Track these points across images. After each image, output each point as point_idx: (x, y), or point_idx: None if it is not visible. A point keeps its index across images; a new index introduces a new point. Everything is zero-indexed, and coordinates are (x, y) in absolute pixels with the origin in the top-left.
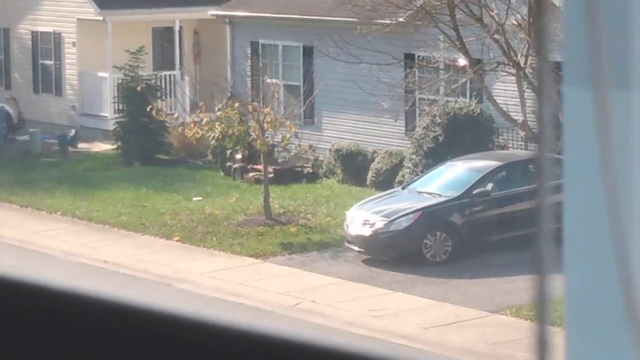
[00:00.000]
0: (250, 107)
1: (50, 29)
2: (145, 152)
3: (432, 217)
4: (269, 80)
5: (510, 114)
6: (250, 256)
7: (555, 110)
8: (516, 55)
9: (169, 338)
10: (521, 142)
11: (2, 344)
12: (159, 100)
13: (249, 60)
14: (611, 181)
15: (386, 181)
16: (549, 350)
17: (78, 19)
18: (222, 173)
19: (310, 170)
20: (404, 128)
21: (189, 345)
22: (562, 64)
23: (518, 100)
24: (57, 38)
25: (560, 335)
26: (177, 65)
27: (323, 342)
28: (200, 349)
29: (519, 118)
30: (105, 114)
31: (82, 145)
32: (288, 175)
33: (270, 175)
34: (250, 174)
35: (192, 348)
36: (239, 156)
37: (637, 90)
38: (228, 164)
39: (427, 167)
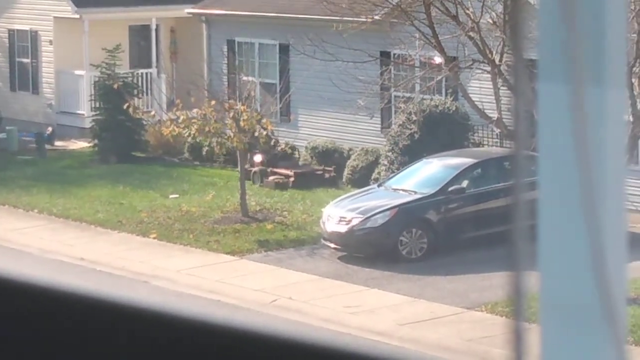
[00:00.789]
0: (226, 105)
1: (27, 27)
2: (122, 150)
3: (407, 214)
4: (245, 78)
5: (486, 111)
6: (227, 253)
7: (530, 107)
8: (491, 52)
9: (157, 335)
10: (496, 139)
11: None
12: (136, 98)
13: (226, 58)
14: (586, 177)
15: (362, 178)
16: (525, 346)
17: (55, 17)
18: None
19: (333, 174)
20: (379, 125)
21: (180, 343)
22: (537, 61)
23: (493, 97)
24: (34, 36)
25: (535, 331)
26: (154, 63)
27: (314, 338)
28: (194, 347)
29: (494, 115)
30: (82, 112)
31: (59, 143)
32: (309, 179)
33: (291, 179)
34: (271, 178)
35: (185, 346)
36: (257, 159)
37: (611, 86)
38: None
39: (403, 165)
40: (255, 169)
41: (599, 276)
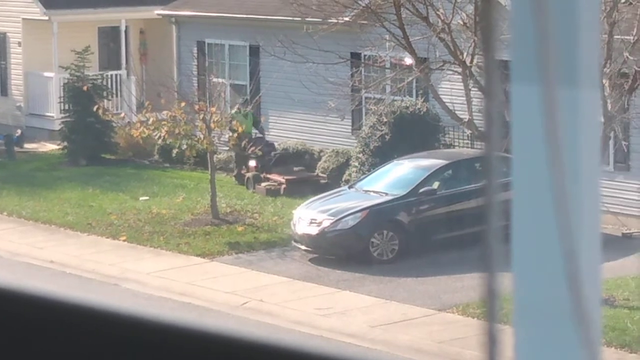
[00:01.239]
0: (196, 107)
1: None
2: (92, 152)
3: (379, 216)
4: (215, 80)
5: (457, 112)
6: (198, 255)
7: (502, 108)
8: (462, 54)
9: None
10: (467, 141)
11: None
12: (105, 100)
13: (195, 60)
14: (558, 178)
15: (333, 180)
16: (498, 347)
17: (24, 18)
18: (235, 180)
19: (327, 180)
20: (350, 127)
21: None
22: (509, 62)
23: (464, 99)
24: (2, 38)
25: (508, 332)
26: (124, 65)
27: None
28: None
29: (465, 117)
30: (52, 114)
31: (28, 146)
32: (302, 185)
33: (282, 186)
34: (263, 184)
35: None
36: (252, 163)
37: (585, 86)
38: (242, 171)
39: (374, 166)
40: (249, 174)
41: (572, 277)
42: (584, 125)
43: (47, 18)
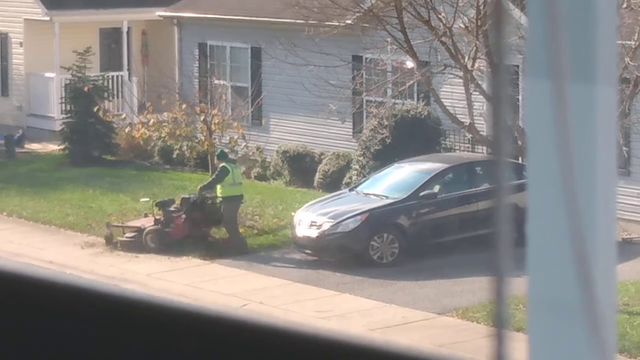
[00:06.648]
0: (197, 109)
1: None
2: (93, 153)
3: (379, 219)
4: (216, 82)
5: (457, 116)
6: (197, 257)
7: (507, 113)
8: (463, 57)
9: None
10: (468, 145)
11: None
12: (106, 101)
13: (197, 62)
14: (568, 177)
15: (333, 183)
16: (506, 352)
17: (25, 19)
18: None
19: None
20: (351, 130)
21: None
22: (513, 66)
23: (465, 102)
24: (4, 38)
25: (515, 337)
26: (125, 66)
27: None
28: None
29: (466, 120)
30: (53, 115)
31: (29, 146)
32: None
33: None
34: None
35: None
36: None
37: (602, 83)
38: None
39: (374, 169)
40: None
41: (583, 276)
42: (600, 121)
43: (48, 18)
